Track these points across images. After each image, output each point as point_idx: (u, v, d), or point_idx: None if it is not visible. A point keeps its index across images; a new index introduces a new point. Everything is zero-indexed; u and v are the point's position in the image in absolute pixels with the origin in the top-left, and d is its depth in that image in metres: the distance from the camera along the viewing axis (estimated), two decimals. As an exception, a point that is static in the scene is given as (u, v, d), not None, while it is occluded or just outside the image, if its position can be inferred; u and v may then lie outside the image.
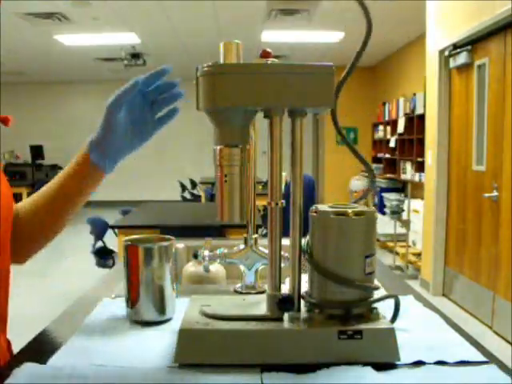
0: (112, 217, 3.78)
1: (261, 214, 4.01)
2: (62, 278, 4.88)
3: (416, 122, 6.37)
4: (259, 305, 0.80)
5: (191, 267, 1.22)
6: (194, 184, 8.08)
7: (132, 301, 0.90)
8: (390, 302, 0.80)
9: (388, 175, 7.74)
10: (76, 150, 0.84)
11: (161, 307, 0.89)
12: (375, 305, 0.77)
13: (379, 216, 6.22)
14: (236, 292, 1.09)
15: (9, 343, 0.88)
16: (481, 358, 0.74)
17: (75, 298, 1.07)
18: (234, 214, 0.75)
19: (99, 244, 3.84)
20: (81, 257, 4.88)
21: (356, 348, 0.71)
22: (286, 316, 0.76)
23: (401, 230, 5.49)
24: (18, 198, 0.87)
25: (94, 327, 0.87)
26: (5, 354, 0.83)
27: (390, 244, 5.51)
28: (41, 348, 0.80)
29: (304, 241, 0.78)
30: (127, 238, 0.92)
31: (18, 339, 0.89)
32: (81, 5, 5.29)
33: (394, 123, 7.53)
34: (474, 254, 3.86)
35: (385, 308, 0.79)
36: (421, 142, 5.50)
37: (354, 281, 0.74)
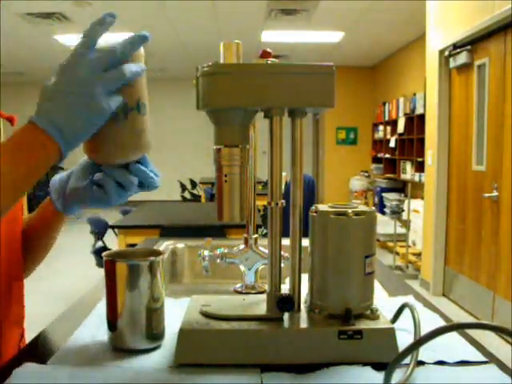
0: (112, 217, 3.77)
1: (261, 214, 4.01)
2: (62, 278, 4.88)
3: (416, 122, 6.37)
4: (259, 305, 0.80)
5: None
6: (193, 184, 8.08)
7: (112, 325, 0.78)
8: (390, 303, 0.80)
9: (388, 175, 7.74)
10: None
11: (148, 333, 0.76)
12: (374, 305, 0.77)
13: (379, 216, 6.23)
14: (236, 292, 1.09)
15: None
16: (481, 358, 0.74)
17: (75, 298, 1.07)
18: (234, 214, 0.75)
19: (99, 244, 3.83)
20: (81, 257, 4.88)
21: (356, 348, 0.71)
22: (285, 316, 0.76)
23: (401, 230, 5.49)
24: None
25: (94, 327, 0.87)
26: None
27: (390, 244, 5.51)
28: (41, 348, 0.80)
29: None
30: (108, 252, 0.82)
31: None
32: (81, 5, 5.29)
33: (394, 123, 7.53)
34: (474, 253, 3.86)
35: (385, 308, 0.79)
36: (421, 142, 5.50)
37: (354, 281, 0.74)
